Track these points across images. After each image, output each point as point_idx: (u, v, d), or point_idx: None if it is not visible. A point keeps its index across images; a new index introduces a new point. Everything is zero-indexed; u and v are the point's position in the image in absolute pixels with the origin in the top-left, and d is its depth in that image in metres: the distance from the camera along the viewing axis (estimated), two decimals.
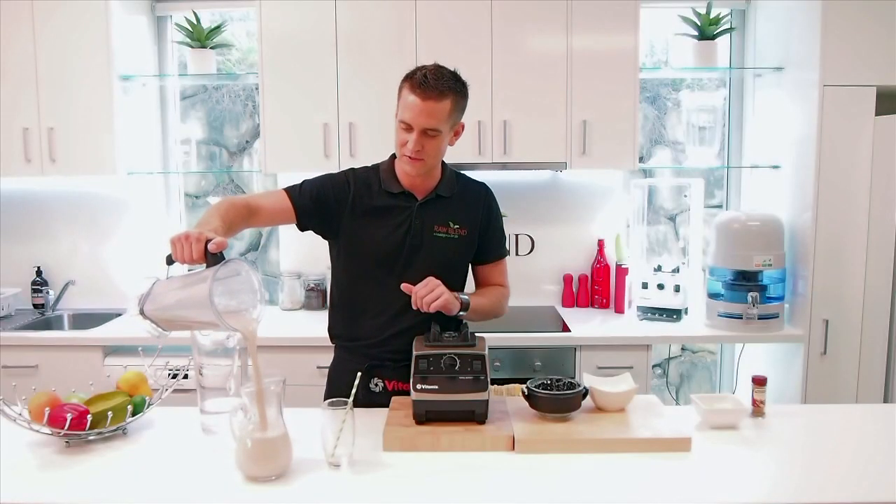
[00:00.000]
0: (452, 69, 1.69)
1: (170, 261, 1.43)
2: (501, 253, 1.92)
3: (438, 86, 1.61)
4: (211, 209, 1.60)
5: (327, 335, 1.88)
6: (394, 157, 1.81)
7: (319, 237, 1.83)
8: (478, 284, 1.94)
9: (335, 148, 2.85)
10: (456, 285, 1.80)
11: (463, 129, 1.77)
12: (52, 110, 2.87)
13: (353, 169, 1.83)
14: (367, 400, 1.71)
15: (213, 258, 1.36)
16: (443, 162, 1.82)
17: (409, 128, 1.65)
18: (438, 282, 1.64)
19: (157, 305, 1.41)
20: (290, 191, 1.76)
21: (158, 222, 3.28)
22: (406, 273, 1.74)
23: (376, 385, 1.78)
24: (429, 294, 1.61)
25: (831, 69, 2.57)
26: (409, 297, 1.70)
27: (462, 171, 1.90)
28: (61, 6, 2.83)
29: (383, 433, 1.49)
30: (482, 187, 1.89)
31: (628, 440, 1.47)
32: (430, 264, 1.75)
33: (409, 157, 1.67)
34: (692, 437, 1.48)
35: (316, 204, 1.75)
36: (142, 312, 1.43)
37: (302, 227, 1.79)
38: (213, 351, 1.56)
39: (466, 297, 1.72)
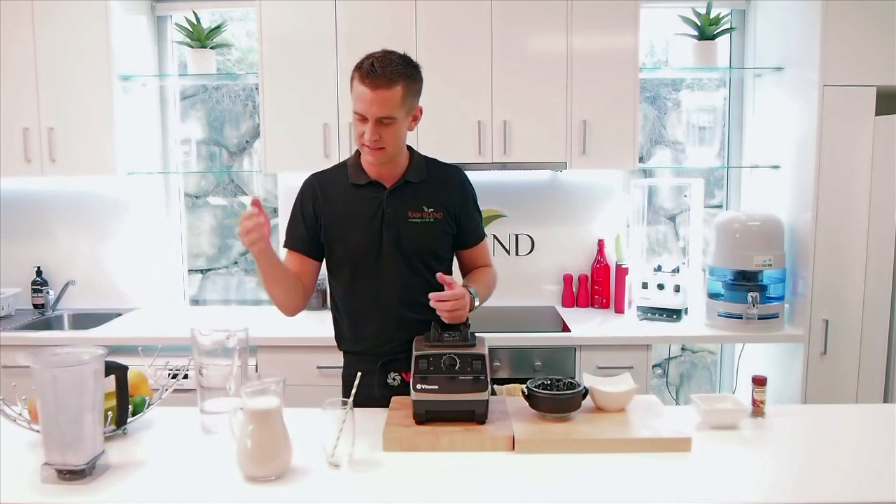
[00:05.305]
0: (402, 53, 1.66)
1: None
2: (481, 235, 1.92)
3: (387, 73, 1.59)
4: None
5: (326, 335, 1.88)
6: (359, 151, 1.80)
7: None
8: (463, 268, 1.93)
9: (335, 148, 2.85)
10: (443, 272, 1.81)
11: (421, 113, 1.73)
12: (52, 110, 2.87)
13: (313, 174, 1.83)
14: (387, 394, 1.72)
15: None
16: (410, 147, 1.80)
17: (363, 119, 1.63)
18: (467, 301, 1.64)
19: None
20: (288, 244, 1.80)
21: (158, 222, 3.28)
22: (390, 265, 1.74)
23: (394, 379, 1.77)
24: (454, 310, 1.62)
25: (831, 69, 2.57)
26: (405, 289, 1.72)
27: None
28: (61, 6, 2.83)
29: (383, 433, 1.49)
30: (455, 171, 1.86)
31: (628, 440, 1.47)
32: (411, 253, 1.74)
33: (369, 148, 1.65)
34: (692, 437, 1.48)
35: (310, 230, 1.77)
36: None
37: (322, 258, 1.81)
38: (213, 351, 1.56)
39: (475, 291, 1.71)
